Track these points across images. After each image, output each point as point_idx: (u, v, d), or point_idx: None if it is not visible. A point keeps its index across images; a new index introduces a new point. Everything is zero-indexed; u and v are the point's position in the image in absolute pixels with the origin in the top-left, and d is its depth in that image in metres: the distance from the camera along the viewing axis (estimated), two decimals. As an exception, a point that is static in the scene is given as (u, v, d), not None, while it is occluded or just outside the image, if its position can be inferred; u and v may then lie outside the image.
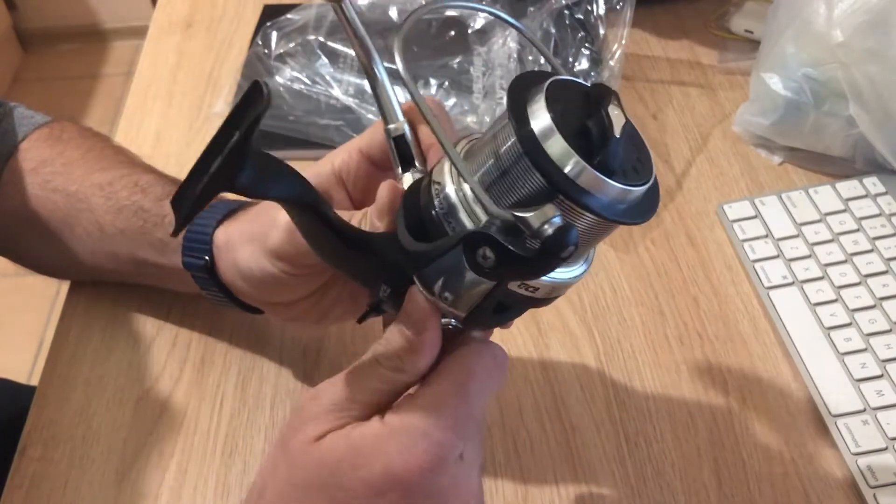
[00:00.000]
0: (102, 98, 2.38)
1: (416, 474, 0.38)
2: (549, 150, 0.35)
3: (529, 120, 0.35)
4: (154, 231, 0.60)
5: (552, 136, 0.35)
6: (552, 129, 0.35)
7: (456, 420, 0.39)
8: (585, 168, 0.35)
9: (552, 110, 0.35)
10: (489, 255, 0.35)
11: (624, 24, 0.81)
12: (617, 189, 0.36)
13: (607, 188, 0.35)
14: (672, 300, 0.67)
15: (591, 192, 0.35)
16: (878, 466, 0.55)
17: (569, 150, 0.35)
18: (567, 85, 0.37)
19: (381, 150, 0.48)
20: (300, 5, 0.88)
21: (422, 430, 0.39)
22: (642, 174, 0.37)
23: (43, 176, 0.64)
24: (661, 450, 0.58)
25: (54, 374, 0.64)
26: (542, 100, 0.36)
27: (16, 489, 0.58)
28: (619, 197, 0.36)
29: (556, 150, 0.35)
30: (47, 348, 0.66)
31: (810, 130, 0.73)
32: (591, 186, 0.35)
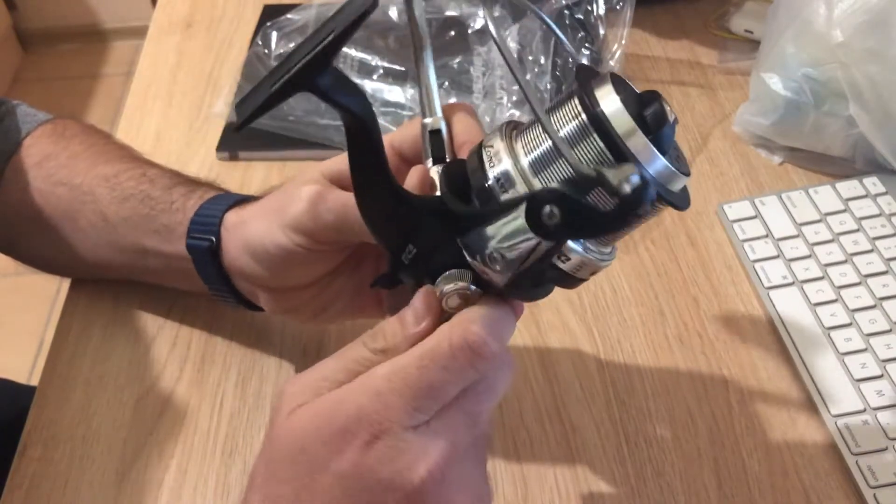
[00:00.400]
0: (102, 98, 2.38)
1: (365, 433, 0.38)
2: (617, 128, 0.37)
3: (598, 101, 0.38)
4: (160, 216, 0.59)
5: (621, 115, 0.37)
6: (621, 109, 0.37)
7: (413, 388, 0.38)
8: (648, 145, 0.37)
9: (619, 93, 0.38)
10: (555, 212, 0.37)
11: (624, 24, 0.81)
12: (669, 170, 0.38)
13: (662, 167, 0.38)
14: (672, 300, 0.67)
15: (650, 168, 0.38)
16: (879, 466, 0.55)
17: (634, 128, 0.37)
18: (622, 81, 0.39)
19: (412, 147, 0.49)
20: (300, 5, 0.88)
21: (374, 389, 0.38)
22: (683, 167, 0.40)
23: (47, 170, 0.64)
24: (661, 450, 0.58)
25: (54, 373, 0.64)
26: (609, 85, 0.38)
27: (16, 489, 0.58)
28: (669, 178, 0.38)
29: (623, 127, 0.37)
30: (47, 348, 0.66)
31: (810, 130, 0.73)
32: (650, 164, 0.37)
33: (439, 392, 0.39)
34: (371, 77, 0.83)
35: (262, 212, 0.54)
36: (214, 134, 0.81)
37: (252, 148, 0.80)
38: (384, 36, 0.86)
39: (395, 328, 0.41)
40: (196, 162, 0.79)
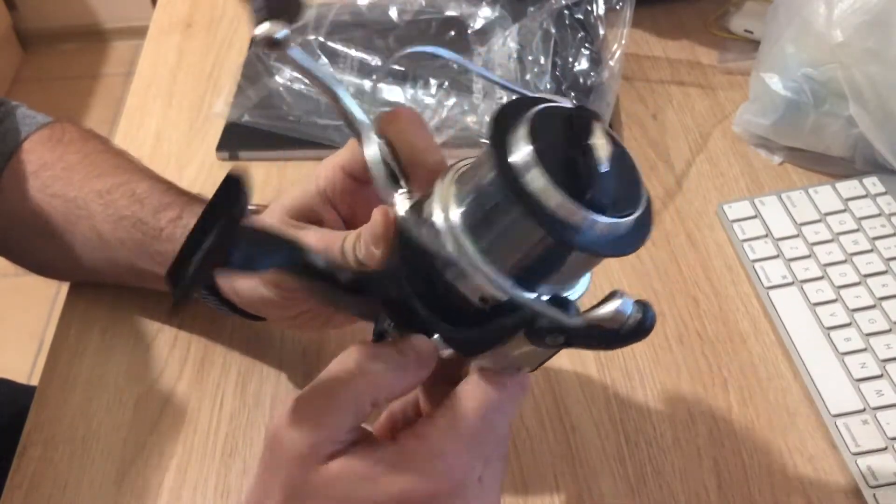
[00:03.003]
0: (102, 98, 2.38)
1: (432, 498, 0.38)
2: (532, 187, 0.34)
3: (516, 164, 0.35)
4: (152, 244, 0.59)
5: (535, 174, 0.34)
6: (535, 167, 0.34)
7: (476, 442, 0.39)
8: (572, 206, 0.34)
9: (536, 145, 0.34)
10: (559, 338, 0.37)
11: (624, 24, 0.81)
12: (607, 224, 0.35)
13: (598, 225, 0.34)
14: (672, 300, 0.67)
15: (580, 229, 0.34)
16: (879, 466, 0.55)
17: (555, 190, 0.34)
18: (552, 112, 0.36)
19: (363, 167, 0.46)
20: (300, 5, 0.88)
21: (439, 451, 0.38)
22: (632, 200, 0.36)
23: (43, 180, 0.64)
24: (661, 450, 0.58)
25: (54, 374, 0.64)
26: (526, 132, 0.35)
27: (16, 489, 0.58)
28: (610, 231, 0.35)
29: (540, 186, 0.34)
30: (47, 348, 0.66)
31: (810, 130, 0.73)
32: (581, 224, 0.34)
33: (498, 433, 0.40)
34: (371, 77, 0.83)
35: None
36: (214, 134, 0.81)
37: (252, 148, 0.80)
38: (384, 36, 0.86)
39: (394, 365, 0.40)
40: (196, 162, 0.79)
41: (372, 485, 0.38)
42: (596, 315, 0.36)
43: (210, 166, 0.79)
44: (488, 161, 0.36)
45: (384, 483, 0.38)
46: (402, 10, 0.87)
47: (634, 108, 0.83)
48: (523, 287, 0.37)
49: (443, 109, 0.80)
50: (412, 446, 0.39)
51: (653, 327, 0.36)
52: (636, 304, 0.36)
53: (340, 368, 0.40)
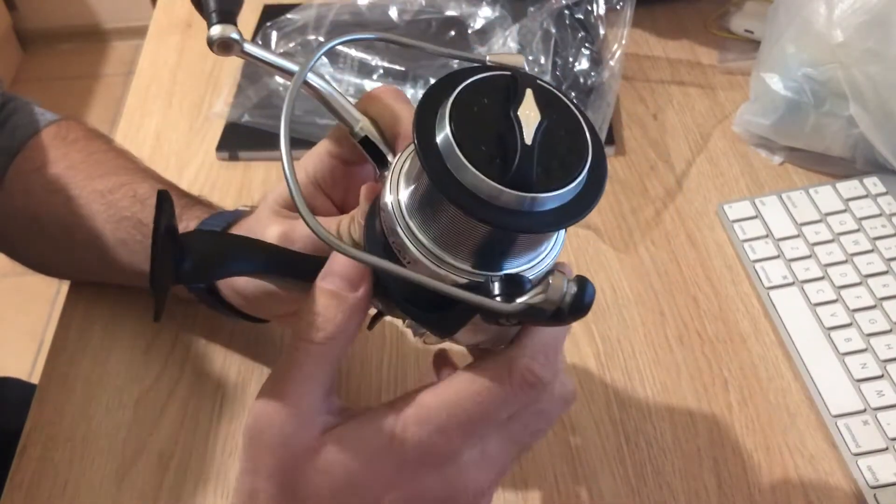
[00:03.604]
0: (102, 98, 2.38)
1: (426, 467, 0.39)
2: (454, 169, 0.33)
3: (438, 146, 0.34)
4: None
5: (454, 156, 0.33)
6: (453, 148, 0.33)
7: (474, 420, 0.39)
8: (492, 187, 0.33)
9: (455, 125, 0.33)
10: (512, 319, 0.35)
11: (624, 24, 0.81)
12: (538, 199, 0.33)
13: (527, 202, 0.33)
14: (672, 300, 0.67)
15: (510, 209, 0.33)
16: (879, 467, 0.55)
17: (473, 171, 0.33)
18: (488, 83, 0.35)
19: (351, 149, 0.47)
20: (300, 5, 0.88)
21: (435, 425, 0.38)
22: (573, 166, 0.35)
23: (46, 178, 0.64)
24: (661, 450, 0.58)
25: (54, 373, 0.64)
26: (449, 111, 0.34)
27: (16, 489, 0.58)
28: (542, 204, 0.34)
29: (459, 168, 0.33)
30: (47, 348, 0.66)
31: (810, 130, 0.73)
32: (509, 205, 0.33)
33: (496, 419, 0.40)
34: (371, 77, 0.83)
35: None
36: (214, 134, 0.81)
37: (252, 148, 0.80)
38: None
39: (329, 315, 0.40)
40: (196, 162, 0.79)
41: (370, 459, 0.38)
42: (532, 300, 0.34)
43: (210, 166, 0.79)
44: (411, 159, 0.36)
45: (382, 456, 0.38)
46: (402, 10, 0.87)
47: (635, 108, 0.83)
48: (484, 266, 0.36)
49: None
50: (405, 419, 0.39)
51: (592, 302, 0.34)
52: (573, 280, 0.34)
53: (288, 344, 0.40)
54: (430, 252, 0.36)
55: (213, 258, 0.38)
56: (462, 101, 0.34)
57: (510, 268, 0.37)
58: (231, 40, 0.41)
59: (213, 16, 0.40)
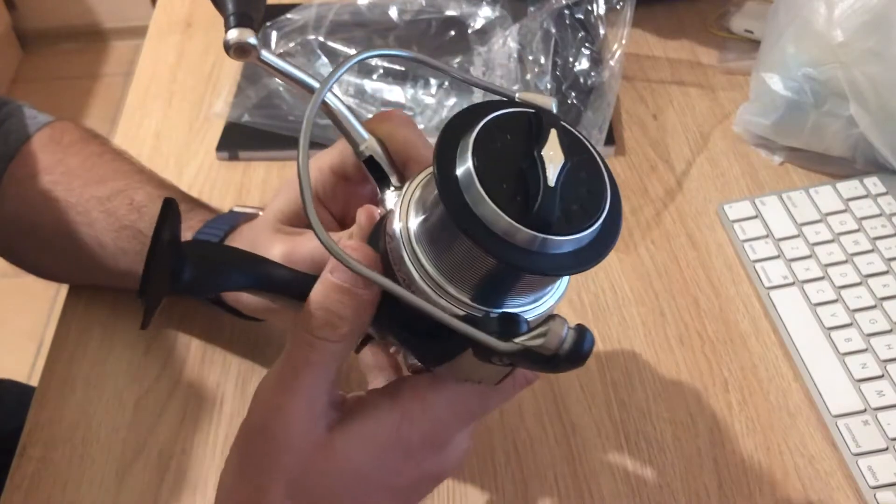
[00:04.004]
0: (102, 98, 2.38)
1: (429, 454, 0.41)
2: (472, 203, 0.33)
3: (458, 181, 0.33)
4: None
5: (475, 191, 0.33)
6: (474, 184, 0.33)
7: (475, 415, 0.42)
8: (513, 226, 0.32)
9: (477, 160, 0.33)
10: (504, 359, 0.35)
11: (624, 24, 0.81)
12: (556, 242, 0.33)
13: (547, 244, 0.33)
14: (672, 300, 0.67)
15: (526, 249, 0.33)
16: (879, 467, 0.55)
17: (492, 207, 0.32)
18: (510, 119, 0.35)
19: (354, 167, 0.47)
20: (300, 5, 0.88)
21: (439, 420, 0.40)
22: (591, 210, 0.35)
23: (43, 184, 0.64)
24: (662, 450, 0.58)
25: (54, 374, 0.64)
26: (472, 144, 0.33)
27: (16, 489, 0.58)
28: (559, 247, 0.34)
29: (478, 205, 0.33)
30: (47, 349, 0.66)
31: (811, 130, 0.73)
32: (526, 245, 0.33)
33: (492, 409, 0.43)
34: (371, 77, 0.83)
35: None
36: (214, 134, 0.81)
37: (252, 148, 0.80)
38: (384, 36, 0.86)
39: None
40: (196, 162, 0.79)
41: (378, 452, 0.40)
42: (530, 343, 0.34)
43: (210, 166, 0.79)
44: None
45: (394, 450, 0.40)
46: (402, 10, 0.87)
47: (635, 108, 0.83)
48: (483, 301, 0.36)
49: (443, 109, 0.79)
50: (410, 413, 0.40)
51: (590, 352, 0.33)
52: (574, 328, 0.34)
53: (294, 339, 0.40)
54: (433, 280, 0.36)
55: (211, 271, 0.38)
56: (485, 136, 0.34)
57: (510, 307, 0.36)
58: (249, 45, 0.40)
59: (232, 18, 0.39)
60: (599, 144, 0.77)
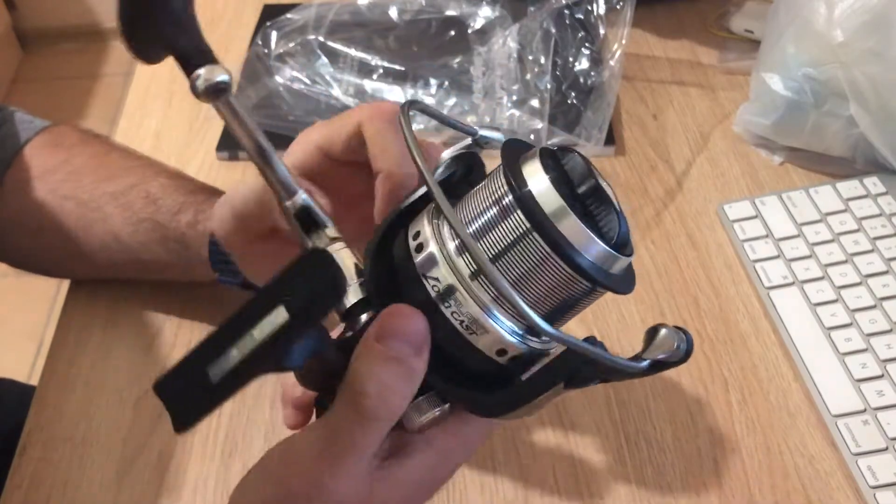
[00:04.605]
0: (102, 98, 2.38)
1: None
2: (568, 234, 0.34)
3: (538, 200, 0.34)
4: (176, 245, 0.60)
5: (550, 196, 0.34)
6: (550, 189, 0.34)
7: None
8: (608, 253, 0.35)
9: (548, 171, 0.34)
10: (595, 382, 0.36)
11: (624, 24, 0.81)
12: (608, 253, 0.35)
13: (601, 251, 0.35)
14: (672, 300, 0.67)
15: (612, 272, 0.35)
16: (879, 466, 0.55)
17: (566, 210, 0.34)
18: (554, 153, 0.36)
19: (341, 144, 0.47)
20: (300, 5, 0.88)
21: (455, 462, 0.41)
22: (626, 246, 0.36)
23: (50, 184, 0.64)
24: (661, 450, 0.58)
25: (54, 373, 0.64)
26: (537, 161, 0.35)
27: (15, 489, 0.58)
28: (608, 261, 0.35)
29: (553, 208, 0.34)
30: (47, 348, 0.66)
31: (811, 130, 0.73)
32: (586, 249, 0.34)
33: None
34: (371, 77, 0.83)
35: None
36: (214, 134, 0.81)
37: (252, 148, 0.79)
38: (384, 36, 0.86)
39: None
40: (196, 162, 0.79)
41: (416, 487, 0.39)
42: (659, 356, 0.35)
43: (210, 166, 0.79)
44: (510, 208, 0.35)
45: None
46: (402, 10, 0.87)
47: (635, 108, 0.83)
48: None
49: (443, 109, 0.79)
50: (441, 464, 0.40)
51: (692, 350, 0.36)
52: (671, 330, 0.35)
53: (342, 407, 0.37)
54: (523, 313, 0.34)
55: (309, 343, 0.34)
56: (546, 158, 0.35)
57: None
58: (223, 85, 0.37)
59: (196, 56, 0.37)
60: (599, 144, 0.77)
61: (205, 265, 0.59)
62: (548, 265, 0.34)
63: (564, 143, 0.76)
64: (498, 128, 0.41)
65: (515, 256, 0.35)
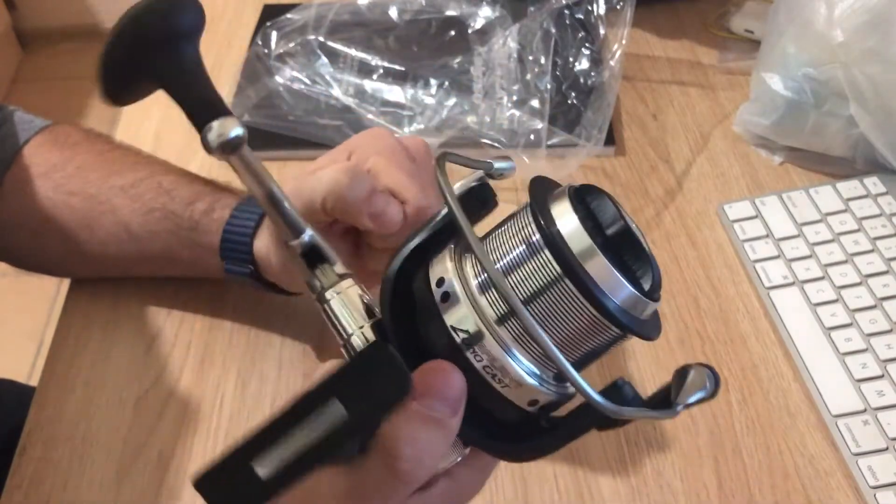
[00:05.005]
0: (102, 98, 2.38)
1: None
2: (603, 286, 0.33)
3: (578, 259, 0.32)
4: (189, 234, 0.61)
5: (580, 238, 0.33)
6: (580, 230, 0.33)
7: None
8: (644, 302, 0.34)
9: (577, 211, 0.33)
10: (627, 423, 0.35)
11: (624, 24, 0.81)
12: (636, 297, 0.34)
13: (629, 295, 0.33)
14: (672, 300, 0.67)
15: (633, 313, 0.34)
16: (879, 467, 0.55)
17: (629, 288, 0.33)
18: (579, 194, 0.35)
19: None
20: (300, 5, 0.88)
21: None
22: (653, 290, 0.35)
23: (55, 181, 0.64)
24: (662, 450, 0.58)
25: (54, 374, 0.64)
26: (566, 202, 0.33)
27: (15, 489, 0.58)
28: (636, 304, 0.34)
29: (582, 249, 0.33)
30: (47, 348, 0.66)
31: (811, 130, 0.73)
32: (615, 293, 0.33)
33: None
34: (371, 77, 0.83)
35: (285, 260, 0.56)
36: (214, 134, 0.81)
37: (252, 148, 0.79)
38: (384, 36, 0.86)
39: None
40: (196, 162, 0.79)
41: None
42: (693, 400, 0.34)
43: (210, 166, 0.79)
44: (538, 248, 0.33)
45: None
46: (403, 10, 0.87)
47: (635, 108, 0.83)
48: (561, 378, 0.36)
49: (443, 109, 0.79)
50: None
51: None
52: (699, 369, 0.34)
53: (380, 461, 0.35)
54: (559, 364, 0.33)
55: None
56: (576, 199, 0.34)
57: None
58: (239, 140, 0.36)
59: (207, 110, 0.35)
60: (599, 144, 0.77)
61: (214, 255, 0.59)
62: (576, 309, 0.33)
63: (565, 143, 0.76)
64: (508, 157, 0.39)
65: (543, 300, 0.33)
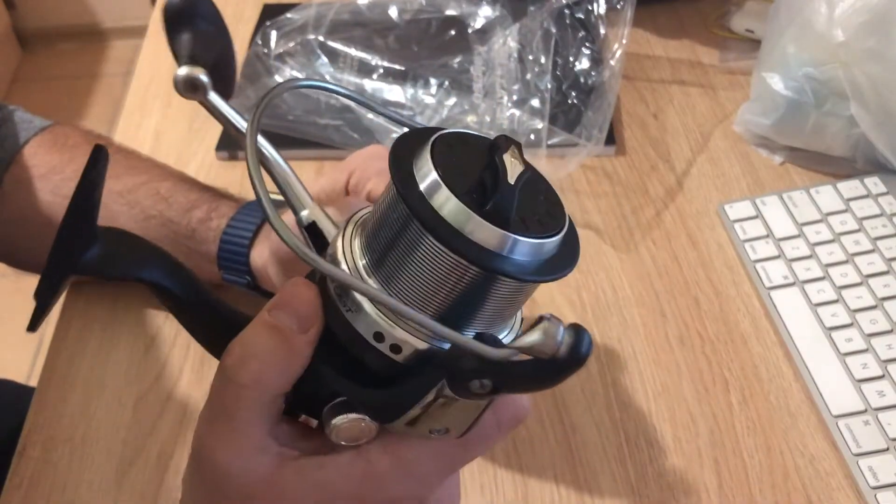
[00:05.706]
0: (102, 98, 2.38)
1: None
2: (443, 212, 0.31)
3: (416, 180, 0.32)
4: (186, 242, 0.61)
5: (442, 195, 0.31)
6: (439, 185, 0.31)
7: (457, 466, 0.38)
8: (483, 225, 0.31)
9: (439, 166, 0.31)
10: (486, 383, 0.32)
11: (625, 24, 0.81)
12: (528, 245, 0.32)
13: (518, 246, 0.31)
14: (673, 300, 0.67)
15: (496, 251, 0.31)
16: (880, 467, 0.55)
17: (463, 208, 0.31)
18: (462, 138, 0.34)
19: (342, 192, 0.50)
20: (300, 5, 0.88)
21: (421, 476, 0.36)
22: (550, 226, 0.33)
23: (53, 183, 0.64)
24: (662, 450, 0.58)
25: (54, 374, 0.64)
26: (428, 157, 0.32)
27: (15, 489, 0.58)
28: (532, 253, 0.32)
29: (450, 208, 0.31)
30: (47, 348, 0.65)
31: (811, 130, 0.73)
32: (493, 244, 0.31)
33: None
34: (371, 77, 0.82)
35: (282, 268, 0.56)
36: (214, 134, 0.81)
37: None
38: (384, 36, 0.86)
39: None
40: (196, 162, 0.79)
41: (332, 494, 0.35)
42: (524, 343, 0.31)
43: (210, 166, 0.79)
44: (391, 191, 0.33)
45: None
46: (402, 10, 0.87)
47: (635, 108, 0.83)
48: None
49: (443, 109, 0.79)
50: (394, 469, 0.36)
51: (589, 354, 0.30)
52: (568, 328, 0.31)
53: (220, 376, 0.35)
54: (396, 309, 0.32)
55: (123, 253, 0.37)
56: (443, 143, 0.33)
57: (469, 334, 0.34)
58: (199, 82, 0.43)
59: (185, 58, 0.41)
60: (600, 144, 0.77)
61: (211, 263, 0.59)
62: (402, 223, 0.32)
63: (565, 142, 0.76)
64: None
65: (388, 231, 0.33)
